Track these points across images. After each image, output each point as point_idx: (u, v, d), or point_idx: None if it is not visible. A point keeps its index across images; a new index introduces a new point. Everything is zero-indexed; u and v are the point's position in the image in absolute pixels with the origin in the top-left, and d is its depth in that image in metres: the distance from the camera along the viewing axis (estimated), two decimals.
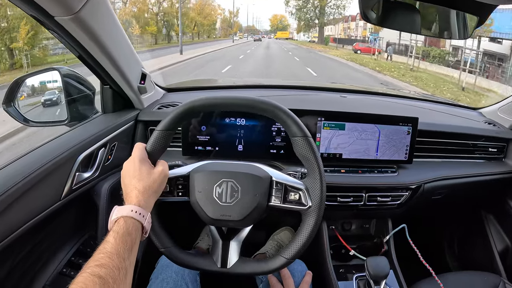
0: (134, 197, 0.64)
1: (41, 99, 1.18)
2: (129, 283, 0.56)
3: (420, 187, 1.14)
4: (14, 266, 0.82)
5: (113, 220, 0.61)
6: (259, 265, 0.77)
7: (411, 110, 1.39)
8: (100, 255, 0.53)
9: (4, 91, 1.06)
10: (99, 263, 0.52)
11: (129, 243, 0.58)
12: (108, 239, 0.57)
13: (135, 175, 0.67)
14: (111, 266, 0.52)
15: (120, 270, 0.53)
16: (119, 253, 0.55)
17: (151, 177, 0.68)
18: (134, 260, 0.59)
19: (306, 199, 0.72)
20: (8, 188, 0.73)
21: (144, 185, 0.66)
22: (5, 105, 1.07)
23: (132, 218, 0.61)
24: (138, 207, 0.63)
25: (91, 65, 0.99)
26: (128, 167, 0.69)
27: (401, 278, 1.10)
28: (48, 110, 1.22)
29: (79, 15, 0.78)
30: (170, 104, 1.27)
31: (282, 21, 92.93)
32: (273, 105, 0.73)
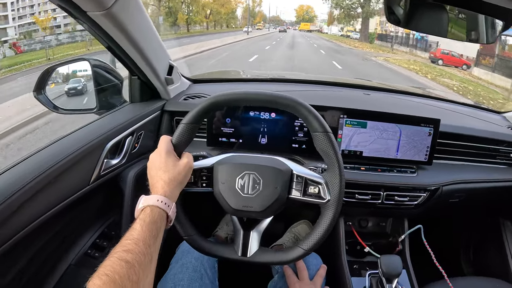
0: (160, 187, 0.67)
1: (64, 88, 1.22)
2: (154, 268, 0.59)
3: (439, 189, 1.14)
4: (42, 246, 0.86)
5: (140, 208, 0.64)
6: (277, 255, 0.79)
7: (434, 111, 1.38)
8: (127, 241, 0.56)
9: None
10: (126, 249, 0.54)
11: (155, 231, 0.61)
12: (135, 227, 0.60)
13: (161, 167, 0.70)
14: (137, 251, 0.55)
15: (145, 255, 0.56)
16: (145, 240, 0.57)
17: (177, 169, 0.70)
18: (158, 247, 0.62)
19: (325, 193, 0.74)
20: (41, 172, 0.77)
21: (170, 176, 0.69)
22: (36, 92, 1.12)
23: (158, 208, 0.64)
24: (164, 197, 0.65)
25: (120, 56, 1.02)
26: (154, 159, 0.72)
27: (413, 278, 1.11)
28: (76, 98, 1.27)
29: (111, 10, 0.81)
30: (196, 95, 1.29)
31: (309, 12, 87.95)
32: (296, 101, 0.75)
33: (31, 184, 0.74)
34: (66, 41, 16.11)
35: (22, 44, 13.05)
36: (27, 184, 0.73)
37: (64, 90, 1.23)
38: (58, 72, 1.18)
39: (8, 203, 0.69)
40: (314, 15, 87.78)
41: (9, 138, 4.54)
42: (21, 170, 0.77)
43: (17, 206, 0.71)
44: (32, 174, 0.75)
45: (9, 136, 4.58)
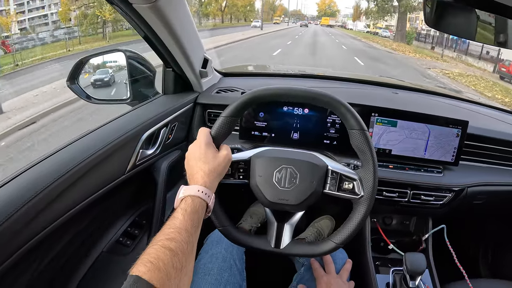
0: (200, 178, 0.69)
1: (90, 79, 1.24)
2: (194, 257, 0.61)
3: (464, 190, 1.15)
4: (77, 233, 0.89)
5: (180, 198, 0.65)
6: (310, 248, 0.82)
7: (462, 112, 1.38)
8: (170, 229, 0.58)
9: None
10: (169, 237, 0.56)
11: (196, 220, 0.62)
12: (177, 216, 0.61)
13: (201, 158, 0.71)
14: (180, 240, 0.56)
15: (188, 244, 0.57)
16: (187, 229, 0.59)
17: (216, 161, 0.72)
18: (198, 236, 0.63)
19: (359, 189, 0.76)
20: (80, 161, 0.79)
21: (210, 167, 0.70)
22: (69, 82, 1.15)
23: (198, 198, 0.65)
24: (204, 188, 0.67)
25: (157, 47, 1.04)
26: (194, 150, 0.73)
27: (435, 277, 1.12)
28: (106, 88, 1.30)
29: (157, 3, 0.82)
30: (228, 88, 1.31)
31: (331, 6, 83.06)
32: (335, 99, 0.76)
33: (71, 173, 0.76)
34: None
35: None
36: (67, 173, 0.75)
37: (90, 81, 1.24)
38: (90, 63, 1.21)
39: (48, 191, 0.71)
40: (337, 9, 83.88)
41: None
42: (61, 158, 0.79)
43: (57, 194, 0.73)
44: (71, 163, 0.77)
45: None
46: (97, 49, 1.31)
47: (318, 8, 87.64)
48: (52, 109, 5.09)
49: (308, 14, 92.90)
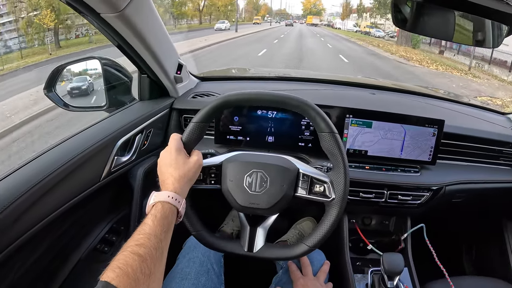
0: (171, 184, 0.69)
1: (67, 87, 1.22)
2: (164, 262, 0.61)
3: (442, 189, 1.16)
4: (54, 240, 0.88)
5: (151, 204, 0.66)
6: (282, 251, 0.82)
7: (439, 111, 1.39)
8: (139, 235, 0.58)
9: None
10: (138, 243, 0.56)
11: (166, 226, 0.63)
12: (147, 222, 0.62)
13: (171, 164, 0.72)
14: (149, 246, 0.57)
15: (157, 250, 0.58)
16: (156, 235, 0.59)
17: (187, 166, 0.73)
18: (169, 242, 0.64)
19: (330, 192, 0.77)
20: (54, 170, 0.79)
21: (180, 173, 0.71)
22: (46, 90, 1.14)
23: (168, 203, 0.66)
24: (174, 193, 0.68)
25: (130, 55, 1.04)
26: (165, 156, 0.74)
27: (414, 276, 1.13)
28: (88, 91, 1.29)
29: (124, 12, 0.83)
30: (204, 93, 1.31)
31: (316, 5, 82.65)
32: (304, 103, 0.77)
33: (44, 182, 0.76)
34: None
35: None
36: (40, 182, 0.75)
37: (66, 89, 1.22)
38: (71, 70, 1.21)
39: (21, 201, 0.71)
40: (322, 8, 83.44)
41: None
42: (34, 167, 0.79)
43: (31, 203, 0.73)
44: (44, 172, 0.77)
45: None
46: (71, 57, 1.28)
47: (303, 7, 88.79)
48: None
49: (293, 13, 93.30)
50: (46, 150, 0.85)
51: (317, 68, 10.89)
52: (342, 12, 52.81)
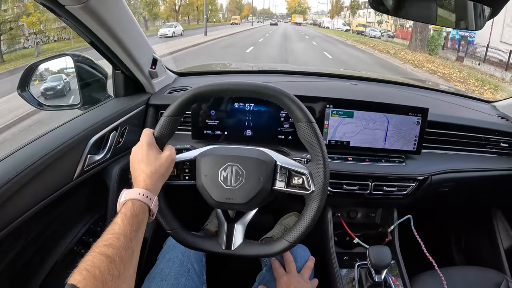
0: (142, 180, 0.67)
1: (40, 88, 1.18)
2: (135, 262, 0.59)
3: (428, 179, 1.14)
4: (28, 242, 0.86)
5: (121, 202, 0.64)
6: (262, 248, 0.79)
7: (423, 100, 1.37)
8: (108, 235, 0.56)
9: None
10: (107, 243, 0.54)
11: (136, 225, 0.60)
12: (116, 221, 0.59)
13: (143, 160, 0.69)
14: (118, 246, 0.55)
15: (126, 250, 0.55)
16: (126, 234, 0.57)
17: (158, 162, 0.70)
18: (141, 241, 0.61)
19: (309, 184, 0.73)
20: (23, 169, 0.76)
21: (152, 169, 0.68)
22: (20, 89, 1.11)
23: (139, 201, 0.63)
24: (145, 190, 0.65)
25: (102, 51, 1.01)
26: (136, 152, 0.71)
27: (403, 269, 1.11)
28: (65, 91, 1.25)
29: (89, 3, 0.79)
30: (181, 88, 1.28)
31: (301, 3, 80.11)
32: (278, 91, 0.74)
33: (12, 182, 0.73)
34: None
35: None
36: (8, 182, 0.73)
37: (40, 91, 1.17)
38: (49, 70, 1.17)
39: None
40: (307, 7, 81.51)
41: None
42: (3, 167, 0.76)
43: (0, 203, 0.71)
44: (12, 172, 0.75)
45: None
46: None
47: (288, 6, 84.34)
48: None
49: (278, 13, 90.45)
50: (14, 150, 0.82)
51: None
52: (331, 9, 49.62)
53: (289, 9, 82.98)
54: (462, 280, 1.09)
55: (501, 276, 1.10)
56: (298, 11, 77.41)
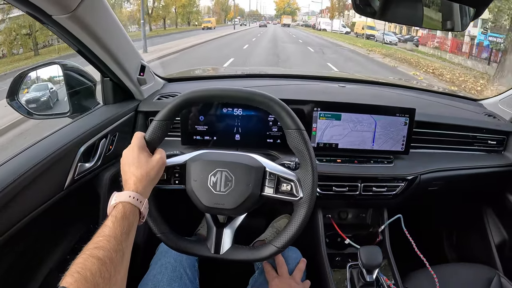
0: (132, 183, 0.67)
1: (21, 99, 1.12)
2: (126, 265, 0.59)
3: (416, 178, 1.15)
4: (21, 253, 0.86)
5: (112, 205, 0.64)
6: (251, 253, 0.79)
7: (410, 100, 1.39)
8: (98, 238, 0.57)
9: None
10: (97, 246, 0.55)
11: (126, 227, 0.61)
12: (107, 223, 0.60)
13: (133, 163, 0.70)
14: (108, 248, 0.55)
15: (117, 252, 0.56)
16: (116, 236, 0.58)
17: (149, 165, 0.71)
18: (131, 244, 0.62)
19: (297, 190, 0.75)
20: (13, 180, 0.76)
21: (142, 172, 0.69)
22: (9, 99, 1.10)
23: (129, 204, 0.64)
24: (135, 193, 0.66)
25: (90, 59, 1.01)
26: (127, 155, 0.72)
27: (394, 268, 1.12)
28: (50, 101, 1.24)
29: (76, 13, 0.80)
30: (170, 94, 1.28)
31: (290, 4, 75.07)
32: (269, 98, 0.75)
33: (3, 193, 0.73)
34: None
35: None
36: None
37: (22, 101, 1.11)
38: (40, 78, 1.16)
39: None
40: (297, 7, 76.54)
41: None
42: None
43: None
44: (2, 183, 0.74)
45: None
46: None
47: (276, 7, 79.07)
48: None
49: (266, 14, 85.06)
50: (3, 162, 0.82)
51: None
52: (331, 8, 43.50)
53: (277, 10, 78.09)
54: (454, 277, 1.11)
55: (492, 272, 1.12)
56: (287, 12, 72.57)
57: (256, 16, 78.35)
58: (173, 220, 0.81)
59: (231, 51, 13.27)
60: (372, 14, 0.76)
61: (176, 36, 21.34)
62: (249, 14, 76.13)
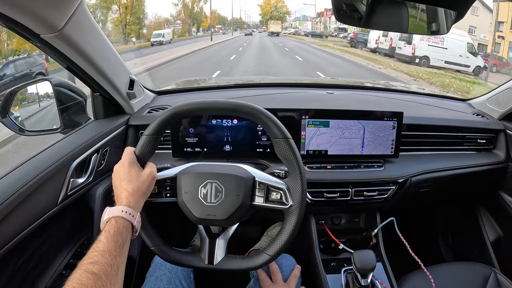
0: (124, 198, 0.68)
1: (12, 116, 1.10)
2: (121, 279, 0.60)
3: (407, 181, 1.16)
4: (16, 270, 0.86)
5: (105, 220, 0.65)
6: (244, 262, 0.80)
7: (398, 104, 1.40)
8: (93, 253, 0.57)
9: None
10: (92, 261, 0.56)
11: (120, 242, 0.62)
12: (100, 238, 0.61)
13: (124, 178, 0.71)
14: (103, 263, 0.56)
15: (112, 266, 0.57)
16: (110, 251, 0.58)
17: (140, 179, 0.72)
18: (125, 257, 0.63)
19: (287, 199, 0.76)
20: (6, 198, 0.76)
21: (133, 187, 0.70)
22: (1, 115, 1.11)
23: (122, 218, 0.65)
24: (128, 208, 0.67)
25: (80, 75, 1.02)
26: (118, 170, 0.73)
27: (389, 270, 1.12)
28: (42, 118, 1.25)
29: (63, 31, 0.81)
30: (160, 107, 1.29)
31: (279, 7, 61.50)
32: (255, 109, 0.76)
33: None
34: None
35: None
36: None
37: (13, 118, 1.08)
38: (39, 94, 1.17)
39: None
40: (287, 11, 62.10)
41: None
42: None
43: None
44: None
45: None
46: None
47: (262, 11, 63.30)
48: None
49: (251, 22, 69.30)
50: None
51: None
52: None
53: (263, 15, 62.84)
54: (450, 276, 1.11)
55: (489, 269, 1.12)
56: (275, 17, 59.71)
57: (239, 23, 65.31)
58: (167, 232, 0.82)
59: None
60: (354, 23, 0.77)
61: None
62: (230, 22, 63.50)
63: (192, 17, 41.13)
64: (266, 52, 16.59)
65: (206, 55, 15.46)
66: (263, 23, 59.77)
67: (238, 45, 21.07)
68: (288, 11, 61.89)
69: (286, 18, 61.04)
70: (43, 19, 0.76)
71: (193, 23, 42.40)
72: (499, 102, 1.37)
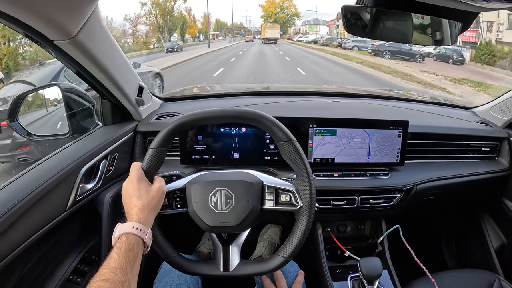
0: (135, 214, 0.69)
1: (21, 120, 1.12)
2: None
3: (412, 189, 1.17)
4: (24, 274, 0.86)
5: (116, 237, 0.65)
6: (259, 266, 0.81)
7: (403, 112, 1.41)
8: (105, 270, 0.58)
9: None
10: (104, 278, 0.56)
11: (131, 258, 0.62)
12: (112, 255, 0.61)
13: (134, 194, 0.71)
14: (115, 280, 0.56)
15: (123, 283, 0.57)
16: (122, 268, 0.59)
17: (150, 195, 0.72)
18: (137, 274, 0.63)
19: (297, 200, 0.76)
20: (17, 202, 0.77)
21: (143, 202, 0.70)
22: (9, 120, 1.12)
23: (133, 235, 0.65)
24: (138, 224, 0.67)
25: (89, 81, 1.03)
26: (127, 187, 0.73)
27: (395, 278, 1.13)
28: (50, 122, 1.26)
29: (76, 38, 0.82)
30: (168, 114, 1.30)
31: (285, 8, 49.70)
32: (258, 114, 0.77)
33: (7, 216, 0.74)
34: None
35: None
36: (3, 216, 0.74)
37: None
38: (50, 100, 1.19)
39: None
40: (295, 12, 49.91)
41: None
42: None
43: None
44: (6, 206, 0.76)
45: None
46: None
47: (264, 13, 51.26)
48: None
49: (252, 27, 58.41)
50: (6, 184, 0.83)
51: None
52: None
53: (265, 18, 50.07)
54: (454, 283, 1.11)
55: (493, 276, 1.12)
56: (281, 19, 48.33)
57: (237, 29, 54.75)
58: (172, 239, 0.82)
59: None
60: (361, 33, 0.78)
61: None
62: (230, 28, 55.09)
63: (165, 26, 31.59)
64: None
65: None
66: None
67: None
68: (297, 12, 50.03)
69: (295, 21, 50.30)
70: (58, 26, 0.77)
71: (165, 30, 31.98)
72: (502, 110, 1.38)
